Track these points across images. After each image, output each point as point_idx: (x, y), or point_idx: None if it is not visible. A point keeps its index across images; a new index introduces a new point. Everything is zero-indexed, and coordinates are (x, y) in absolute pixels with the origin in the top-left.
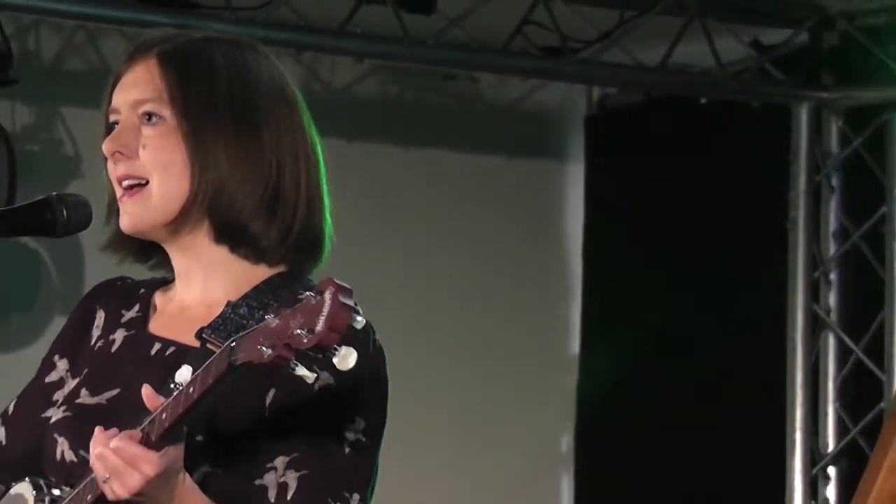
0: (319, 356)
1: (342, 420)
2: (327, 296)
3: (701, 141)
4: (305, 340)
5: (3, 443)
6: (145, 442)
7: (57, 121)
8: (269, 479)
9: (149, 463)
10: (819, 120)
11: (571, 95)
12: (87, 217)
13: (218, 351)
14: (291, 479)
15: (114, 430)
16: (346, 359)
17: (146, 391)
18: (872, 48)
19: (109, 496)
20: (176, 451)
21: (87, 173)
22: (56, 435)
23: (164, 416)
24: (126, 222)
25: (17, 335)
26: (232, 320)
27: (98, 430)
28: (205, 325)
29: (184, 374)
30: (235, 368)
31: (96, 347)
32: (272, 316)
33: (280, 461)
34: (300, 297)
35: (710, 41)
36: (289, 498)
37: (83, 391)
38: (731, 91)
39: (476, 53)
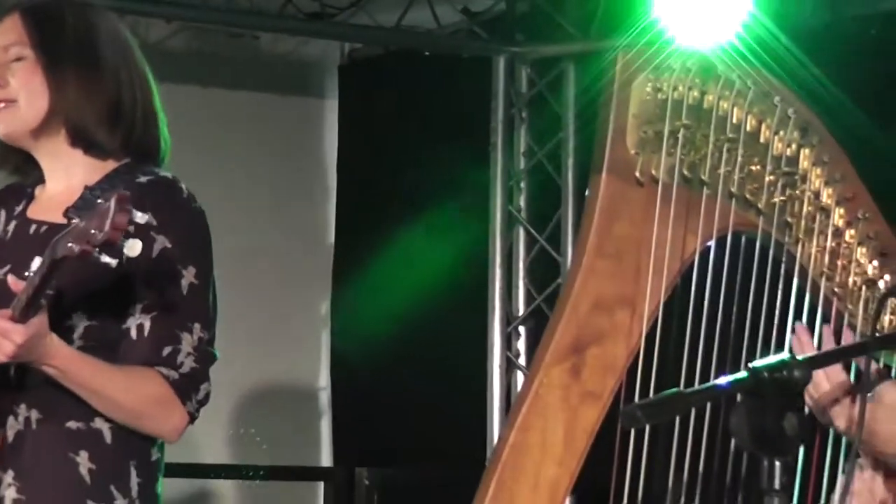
0: (111, 247)
1: (178, 270)
2: (112, 203)
3: (425, 84)
4: (98, 238)
5: None
6: (13, 318)
7: None
8: (131, 323)
9: (17, 333)
10: (513, 68)
11: (329, 49)
12: None
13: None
14: (146, 320)
15: None
16: (133, 248)
17: (10, 279)
18: (553, 14)
19: None
20: (39, 321)
21: None
22: None
23: (22, 297)
24: (1, 130)
25: None
26: (89, 200)
27: None
28: (70, 205)
29: (35, 263)
30: (56, 261)
31: (5, 239)
32: (78, 220)
33: (137, 308)
34: (99, 203)
35: (432, 8)
36: (146, 335)
37: None
38: (447, 47)
39: (258, 17)
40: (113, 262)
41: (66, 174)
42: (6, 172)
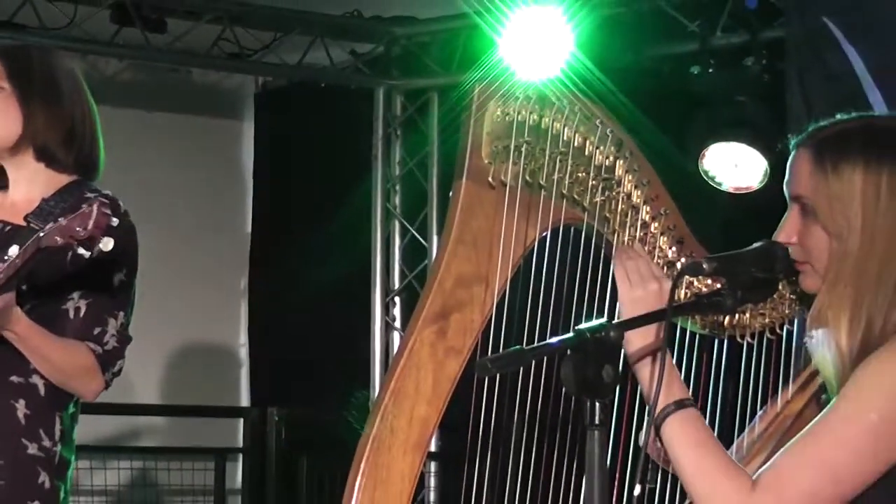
0: (91, 241)
1: (113, 269)
2: (95, 207)
3: (321, 109)
4: (81, 234)
5: None
6: None
7: None
8: (70, 305)
9: None
10: (390, 97)
11: (246, 81)
12: None
13: (35, 231)
14: (82, 304)
15: None
16: (108, 245)
17: None
18: (421, 55)
19: None
20: (10, 296)
21: None
22: None
23: (1, 276)
24: None
25: None
26: (45, 209)
27: None
28: (29, 212)
29: (13, 250)
30: (41, 249)
31: None
32: (63, 218)
33: (76, 294)
34: (82, 205)
35: (327, 50)
36: (81, 316)
37: None
38: (339, 80)
39: (191, 56)
40: (87, 254)
41: (28, 185)
42: None
